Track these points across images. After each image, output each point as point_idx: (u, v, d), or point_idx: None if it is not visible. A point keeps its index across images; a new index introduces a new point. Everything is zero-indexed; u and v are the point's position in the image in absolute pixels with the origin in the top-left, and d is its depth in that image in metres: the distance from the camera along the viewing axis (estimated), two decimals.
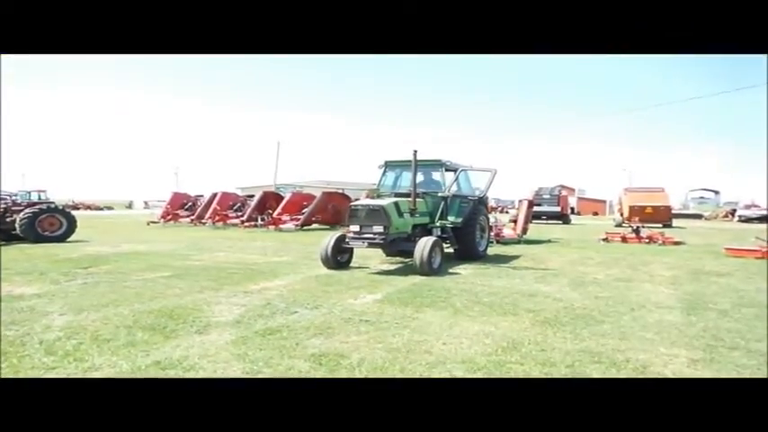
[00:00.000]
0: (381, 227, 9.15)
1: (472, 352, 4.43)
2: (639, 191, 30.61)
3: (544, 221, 30.43)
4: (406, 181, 10.97)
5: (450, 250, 11.05)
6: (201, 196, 29.26)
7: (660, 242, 15.34)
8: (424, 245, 8.77)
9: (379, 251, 10.89)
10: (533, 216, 20.96)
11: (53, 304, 6.32)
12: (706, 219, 43.94)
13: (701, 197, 66.67)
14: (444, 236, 10.55)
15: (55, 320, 5.50)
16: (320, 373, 3.89)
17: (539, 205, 28.90)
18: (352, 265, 9.98)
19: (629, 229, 17.12)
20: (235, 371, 3.91)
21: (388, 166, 11.65)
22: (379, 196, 10.90)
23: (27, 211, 15.60)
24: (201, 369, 3.94)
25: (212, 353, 4.35)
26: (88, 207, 62.49)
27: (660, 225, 24.25)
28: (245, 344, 4.62)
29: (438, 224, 10.47)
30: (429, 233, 10.16)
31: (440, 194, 10.81)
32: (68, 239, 15.84)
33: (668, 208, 27.66)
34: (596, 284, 8.08)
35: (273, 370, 3.94)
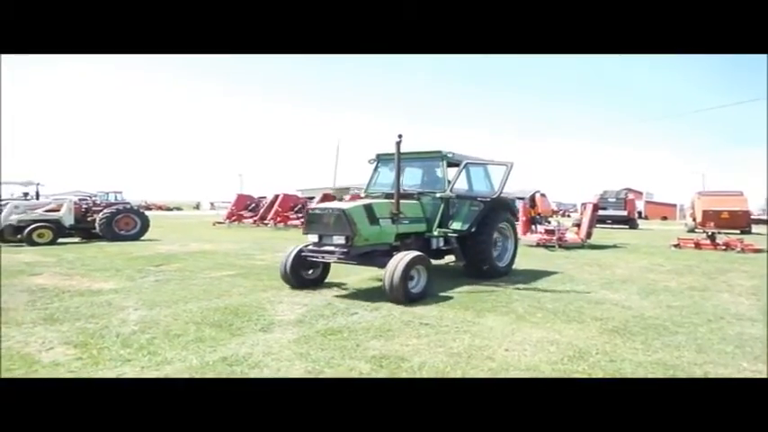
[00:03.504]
0: (343, 237, 7.09)
1: (536, 360, 4.30)
2: (714, 194, 28.73)
3: (609, 226, 29.27)
4: (407, 178, 9.21)
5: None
6: (264, 198, 30.16)
7: (738, 249, 14.35)
8: (397, 262, 6.62)
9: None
10: (598, 220, 20.19)
11: (128, 300, 6.68)
12: None
13: None
14: (447, 248, 8.71)
15: (130, 315, 5.81)
16: (382, 375, 3.90)
17: (604, 209, 27.82)
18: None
19: (703, 234, 16.16)
20: (297, 369, 3.98)
21: (381, 160, 9.45)
22: (368, 197, 8.92)
23: (105, 211, 16.68)
24: (266, 366, 4.04)
25: (276, 351, 4.45)
26: (159, 208, 65.97)
27: (738, 231, 22.75)
28: (307, 343, 4.70)
29: (436, 233, 8.32)
30: (427, 244, 8.41)
31: (438, 195, 8.41)
32: (142, 238, 16.76)
33: (747, 213, 25.82)
34: (668, 293, 7.66)
35: (335, 370, 3.98)
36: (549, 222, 18.00)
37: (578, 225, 16.67)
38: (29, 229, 14.49)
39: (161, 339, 4.80)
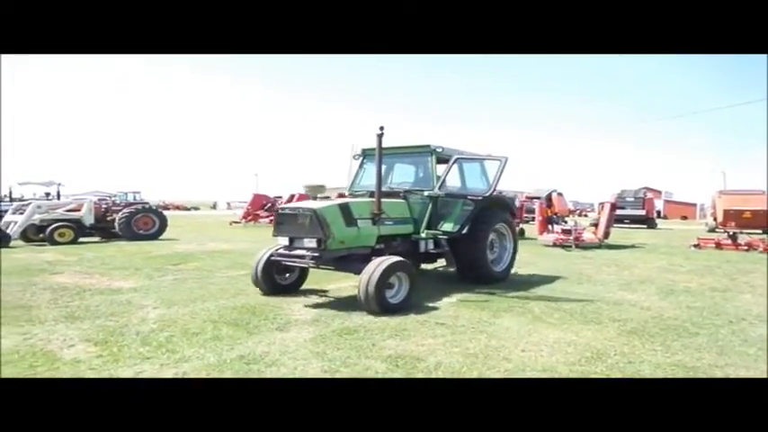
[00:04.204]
0: (314, 240, 6.43)
1: (553, 360, 4.26)
2: (736, 193, 28.13)
3: (627, 226, 28.91)
4: (394, 175, 8.64)
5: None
6: (280, 197, 30.30)
7: (761, 249, 14.09)
8: (374, 269, 5.97)
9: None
10: (616, 220, 19.94)
11: (147, 298, 6.78)
12: None
13: None
14: (437, 251, 7.95)
15: (149, 313, 5.89)
16: (397, 375, 3.90)
17: (622, 208, 27.47)
18: (423, 266, 8.87)
19: (724, 234, 15.88)
20: (314, 368, 4.00)
21: (367, 155, 8.67)
22: (353, 196, 8.27)
23: (124, 211, 16.94)
24: (282, 365, 4.06)
25: (292, 350, 4.48)
26: (177, 207, 66.72)
27: (760, 231, 22.31)
28: (323, 342, 4.72)
29: (424, 234, 7.45)
30: (414, 246, 7.68)
31: (426, 193, 7.57)
32: (160, 237, 16.98)
33: None
34: (688, 293, 7.54)
35: (351, 369, 3.99)
36: (566, 222, 17.85)
37: (596, 225, 16.48)
38: (51, 228, 14.77)
39: (179, 337, 4.86)
